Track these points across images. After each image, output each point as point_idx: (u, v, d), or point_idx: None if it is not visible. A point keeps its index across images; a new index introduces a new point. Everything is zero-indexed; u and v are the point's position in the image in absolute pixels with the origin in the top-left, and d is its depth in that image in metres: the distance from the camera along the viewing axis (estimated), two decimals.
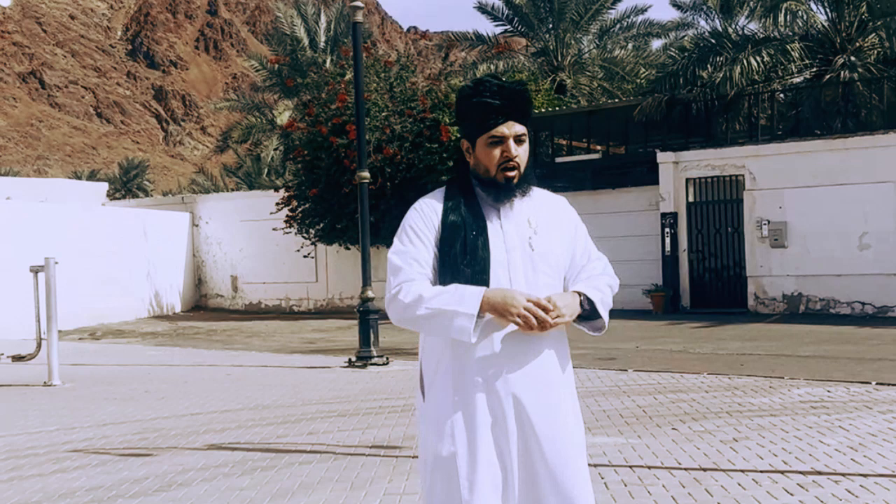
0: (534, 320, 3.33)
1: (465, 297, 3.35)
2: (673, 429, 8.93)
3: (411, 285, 3.43)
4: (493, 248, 3.49)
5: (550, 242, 3.58)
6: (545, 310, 3.35)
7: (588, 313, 3.53)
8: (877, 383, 11.42)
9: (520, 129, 3.54)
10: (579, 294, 3.52)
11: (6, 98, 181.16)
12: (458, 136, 3.69)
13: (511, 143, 3.51)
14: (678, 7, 34.38)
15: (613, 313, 3.59)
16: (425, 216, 3.55)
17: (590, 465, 7.34)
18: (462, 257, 3.45)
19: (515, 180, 3.53)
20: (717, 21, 30.59)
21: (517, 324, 3.34)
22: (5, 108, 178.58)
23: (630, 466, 7.43)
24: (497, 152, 3.51)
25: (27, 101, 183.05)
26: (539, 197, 3.67)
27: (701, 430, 8.79)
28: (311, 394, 11.85)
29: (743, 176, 23.42)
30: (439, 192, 3.64)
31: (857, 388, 11.17)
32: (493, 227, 3.53)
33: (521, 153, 3.54)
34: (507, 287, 3.44)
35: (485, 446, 3.41)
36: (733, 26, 27.78)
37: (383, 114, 25.78)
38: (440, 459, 3.44)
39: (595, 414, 9.78)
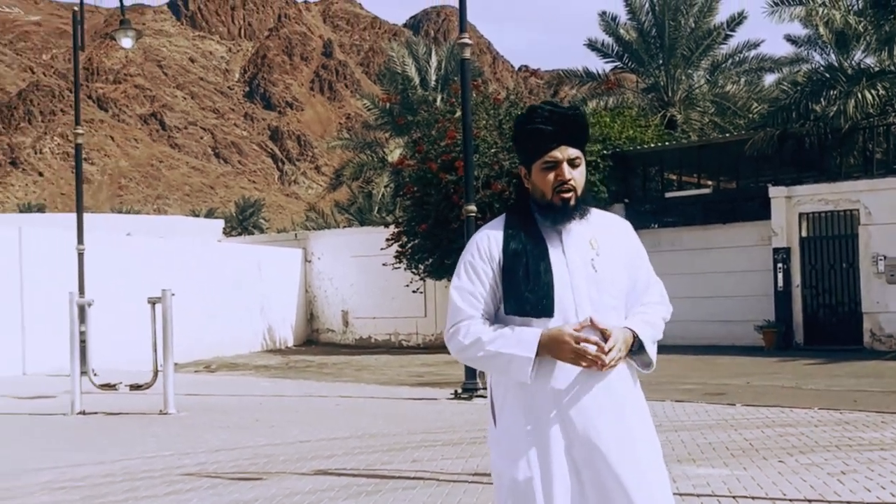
0: (590, 354, 3.38)
1: (522, 341, 3.43)
2: (779, 461, 8.82)
3: (469, 325, 3.53)
4: (556, 272, 3.53)
5: (613, 264, 3.61)
6: (598, 346, 3.41)
7: (636, 349, 3.57)
8: None
9: (573, 152, 3.59)
10: (630, 330, 3.55)
11: (128, 139, 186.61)
12: (516, 163, 3.79)
13: (565, 166, 3.56)
14: (792, 42, 34.04)
15: (725, 349, 3.62)
16: (482, 250, 3.60)
17: (693, 495, 7.35)
18: (525, 283, 3.50)
19: (572, 202, 3.57)
20: (831, 55, 30.22)
21: (573, 362, 3.40)
22: (127, 149, 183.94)
23: (734, 497, 7.38)
24: (551, 176, 3.56)
25: (148, 143, 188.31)
26: (602, 220, 3.72)
27: (808, 463, 8.67)
28: (417, 423, 11.99)
29: (858, 210, 22.99)
30: (499, 221, 3.69)
31: None
32: (555, 251, 3.57)
33: (575, 176, 3.58)
34: (573, 314, 3.49)
35: (559, 470, 3.45)
36: (848, 60, 27.40)
37: (492, 150, 25.95)
38: (517, 484, 3.48)
39: (700, 446, 9.71)
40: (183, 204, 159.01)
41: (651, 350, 3.60)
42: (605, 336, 3.46)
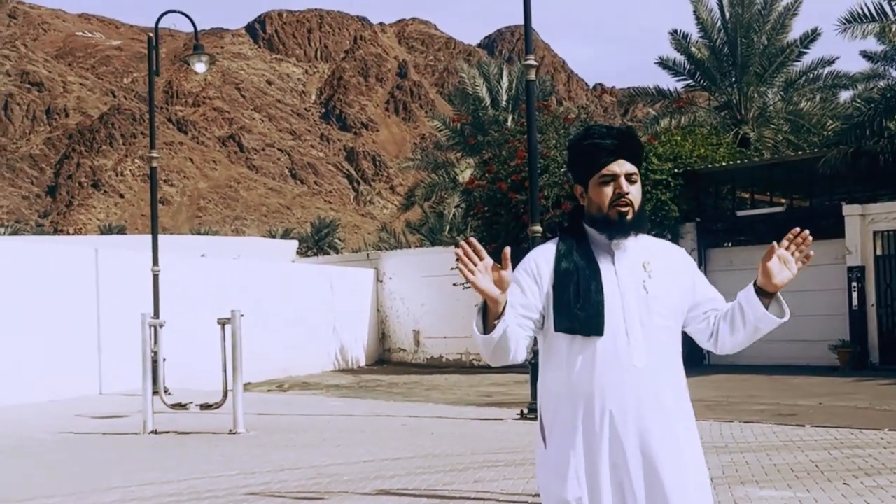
0: (464, 259, 3.39)
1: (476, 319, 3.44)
2: (844, 483, 8.73)
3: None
4: (608, 292, 3.53)
5: (666, 286, 3.61)
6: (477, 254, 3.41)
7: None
8: None
9: (630, 167, 3.60)
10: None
11: (207, 161, 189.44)
12: (572, 183, 3.77)
13: (623, 180, 3.57)
14: (868, 58, 33.56)
15: (799, 369, 3.62)
16: (529, 267, 3.63)
17: None
18: (576, 301, 3.51)
19: (629, 216, 3.57)
20: None
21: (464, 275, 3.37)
22: (206, 171, 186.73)
23: None
24: (609, 189, 3.57)
25: (226, 164, 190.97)
26: (656, 245, 3.73)
27: (873, 486, 8.58)
28: (481, 444, 12.04)
29: None
30: (552, 243, 3.70)
31: None
32: (607, 271, 3.58)
33: (633, 191, 3.59)
34: (623, 334, 3.51)
35: (607, 491, 3.46)
36: None
37: (562, 169, 25.95)
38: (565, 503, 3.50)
39: (765, 468, 9.63)
40: (260, 224, 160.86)
41: (781, 298, 3.61)
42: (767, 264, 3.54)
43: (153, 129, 22.03)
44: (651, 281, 3.59)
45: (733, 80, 36.07)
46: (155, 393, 15.01)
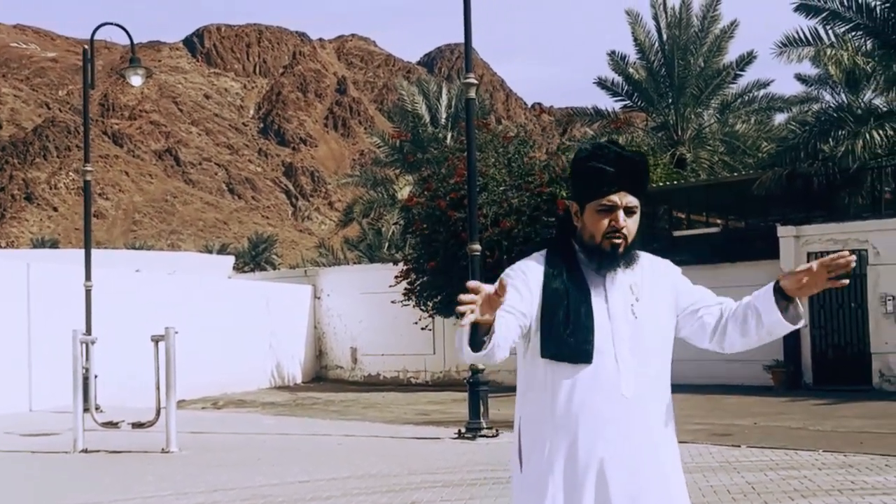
0: (465, 305, 3.09)
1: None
2: None
3: None
4: (597, 317, 3.40)
5: (654, 308, 3.49)
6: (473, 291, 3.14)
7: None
8: None
9: (632, 200, 3.45)
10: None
11: (143, 175, 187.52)
12: (567, 195, 3.66)
13: (620, 213, 3.42)
14: (803, 81, 34.09)
15: (734, 389, 3.56)
16: (523, 271, 3.47)
17: None
18: (565, 326, 3.37)
19: (621, 249, 3.43)
20: (842, 95, 30.24)
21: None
22: (142, 185, 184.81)
23: None
24: (605, 221, 3.43)
25: (162, 178, 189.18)
26: (642, 261, 3.57)
27: None
28: (418, 464, 11.94)
29: (866, 251, 22.92)
30: (540, 257, 3.54)
31: None
32: (597, 294, 3.44)
33: (629, 224, 3.44)
34: (612, 361, 3.38)
35: None
36: (858, 100, 27.42)
37: (501, 188, 26.03)
38: None
39: (702, 490, 9.64)
40: (196, 239, 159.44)
41: (799, 303, 3.46)
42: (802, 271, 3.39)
43: (87, 142, 21.73)
44: (639, 304, 3.47)
45: (670, 101, 36.46)
46: (86, 410, 14.73)
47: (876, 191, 25.47)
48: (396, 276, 28.18)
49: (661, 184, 28.37)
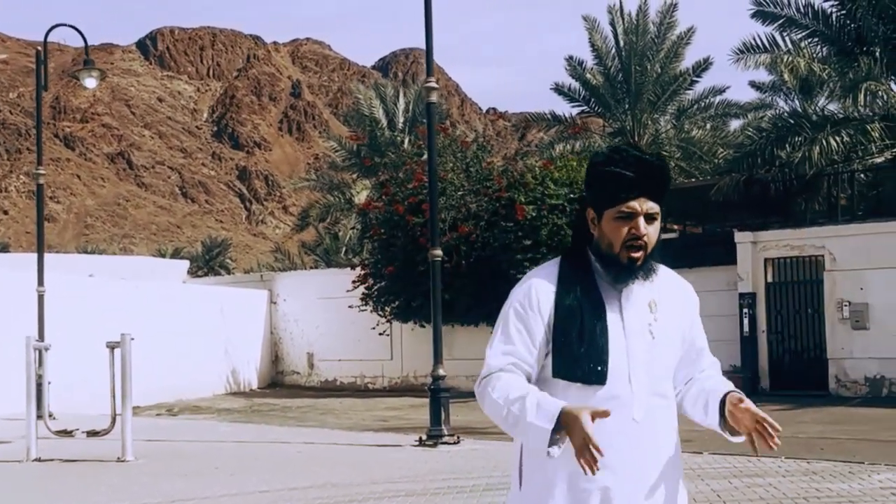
0: (587, 456, 2.96)
1: (542, 408, 3.08)
2: None
3: (502, 378, 3.19)
4: (612, 335, 3.22)
5: (671, 332, 3.34)
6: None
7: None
8: None
9: (653, 206, 3.26)
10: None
11: (95, 178, 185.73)
12: (583, 203, 3.40)
13: (641, 220, 3.23)
14: (757, 88, 34.33)
15: None
16: (533, 300, 3.26)
17: None
18: (579, 344, 3.18)
19: (640, 262, 3.25)
20: (796, 102, 30.48)
21: (577, 452, 2.98)
22: (94, 188, 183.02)
23: None
24: (625, 229, 3.23)
25: (115, 181, 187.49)
26: (662, 278, 3.38)
27: None
28: (380, 472, 11.78)
29: (823, 256, 23.06)
30: (552, 267, 3.36)
31: None
32: (612, 312, 3.25)
33: (650, 232, 3.25)
34: (626, 383, 3.21)
35: None
36: (813, 107, 27.61)
37: (459, 193, 25.94)
38: None
39: None
40: (149, 243, 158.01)
41: None
42: (740, 406, 3.21)
43: (40, 145, 21.39)
44: (657, 324, 3.29)
45: (627, 106, 36.58)
46: (39, 418, 14.45)
47: (832, 197, 25.65)
48: (354, 281, 27.99)
49: None
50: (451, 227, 25.02)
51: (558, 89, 37.23)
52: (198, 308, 28.23)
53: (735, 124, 38.79)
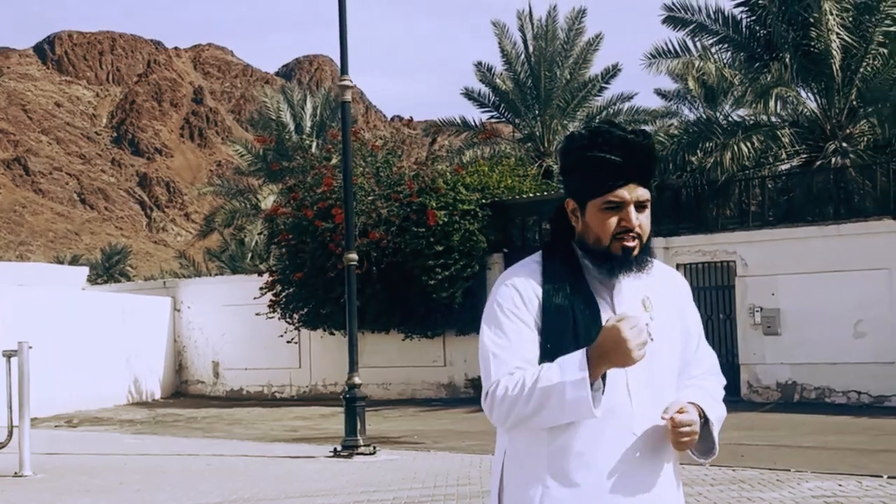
0: (642, 340, 2.67)
1: (566, 365, 2.71)
2: None
3: (516, 376, 2.79)
4: None
5: (670, 329, 2.99)
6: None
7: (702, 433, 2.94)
8: (888, 477, 10.92)
9: (643, 193, 2.89)
10: (696, 406, 2.90)
11: None
12: (562, 192, 3.02)
13: (631, 209, 2.87)
14: (662, 96, 34.43)
15: None
16: (526, 297, 2.89)
17: None
18: (574, 348, 2.78)
19: (635, 252, 2.89)
20: (700, 110, 30.57)
21: (635, 357, 2.66)
22: None
23: None
24: (614, 220, 2.87)
25: (11, 188, 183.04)
26: (656, 273, 3.02)
27: None
28: (295, 486, 11.27)
29: (734, 262, 23.09)
30: (534, 265, 2.96)
31: (869, 481, 10.67)
32: (605, 311, 2.89)
33: (643, 222, 2.90)
34: (623, 391, 2.85)
35: None
36: (717, 114, 27.69)
37: (369, 198, 25.52)
38: None
39: None
40: (47, 251, 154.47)
41: (716, 432, 2.99)
42: (679, 411, 2.84)
43: None
44: (654, 323, 2.90)
45: (537, 112, 36.45)
46: None
47: (743, 202, 25.71)
48: (261, 288, 27.36)
49: (530, 195, 28.19)
50: (361, 233, 24.56)
51: (468, 94, 36.94)
52: (98, 315, 27.31)
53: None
